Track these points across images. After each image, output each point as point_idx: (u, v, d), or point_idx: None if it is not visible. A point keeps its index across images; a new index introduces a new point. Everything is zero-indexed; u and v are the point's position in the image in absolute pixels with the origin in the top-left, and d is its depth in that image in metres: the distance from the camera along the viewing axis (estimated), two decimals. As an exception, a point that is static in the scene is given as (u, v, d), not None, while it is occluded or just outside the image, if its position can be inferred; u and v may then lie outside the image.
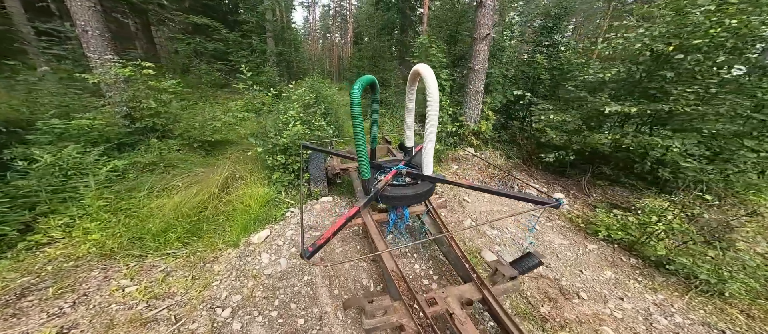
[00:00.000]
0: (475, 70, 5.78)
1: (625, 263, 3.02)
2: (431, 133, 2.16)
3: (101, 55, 4.29)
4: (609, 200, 4.07)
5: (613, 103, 3.73)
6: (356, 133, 1.83)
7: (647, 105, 3.55)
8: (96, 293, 2.13)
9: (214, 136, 5.24)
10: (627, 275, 2.87)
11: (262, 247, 3.09)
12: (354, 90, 1.76)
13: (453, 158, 5.62)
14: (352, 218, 1.95)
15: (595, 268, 2.97)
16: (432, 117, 2.08)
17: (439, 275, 2.82)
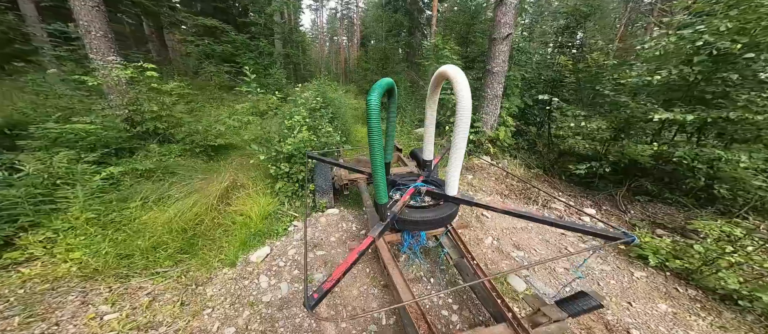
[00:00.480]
0: (493, 72, 5.41)
1: (682, 295, 2.58)
2: (460, 148, 1.82)
3: (104, 56, 4.13)
4: (651, 219, 3.61)
5: (662, 110, 3.29)
6: (373, 150, 1.49)
7: (707, 113, 3.09)
8: (69, 322, 1.86)
9: (217, 140, 5.02)
10: (686, 310, 2.43)
11: (262, 267, 2.79)
12: (371, 96, 1.41)
13: (467, 167, 5.23)
14: (368, 249, 1.62)
15: (646, 300, 2.54)
16: (462, 128, 1.74)
17: (461, 305, 2.45)
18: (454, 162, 1.89)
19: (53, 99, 3.99)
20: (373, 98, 1.41)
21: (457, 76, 1.71)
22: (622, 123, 4.16)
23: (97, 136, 3.57)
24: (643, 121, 3.94)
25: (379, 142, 1.47)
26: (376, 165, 1.55)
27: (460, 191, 2.20)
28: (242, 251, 3.01)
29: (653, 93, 4.12)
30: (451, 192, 2.02)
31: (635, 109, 3.85)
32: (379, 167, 1.57)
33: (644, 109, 3.66)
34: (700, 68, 3.22)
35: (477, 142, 5.57)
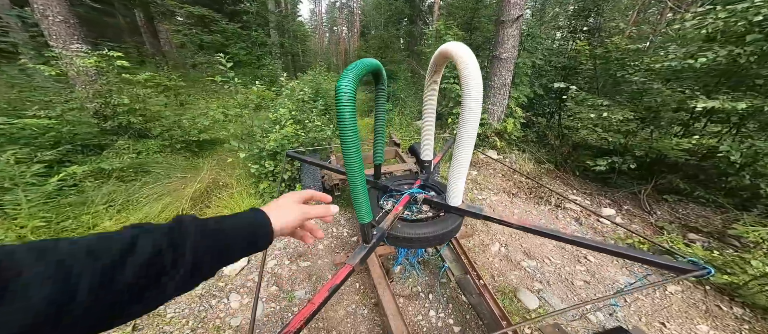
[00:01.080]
0: (501, 58, 4.91)
1: (726, 314, 2.17)
2: (466, 148, 1.40)
3: (65, 44, 3.73)
4: (682, 221, 3.17)
5: (705, 98, 2.81)
6: (348, 156, 1.04)
7: (764, 101, 2.60)
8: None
9: (202, 135, 4.65)
10: (732, 332, 2.03)
11: (236, 282, 2.44)
12: (342, 82, 0.95)
13: (472, 163, 4.80)
14: (343, 282, 1.23)
15: (683, 319, 2.14)
16: (469, 122, 1.32)
17: (463, 326, 2.08)
18: (458, 166, 1.47)
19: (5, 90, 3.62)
20: (344, 85, 0.92)
21: (463, 55, 1.28)
22: (652, 113, 3.66)
23: (58, 132, 3.22)
24: (677, 111, 3.44)
25: (355, 145, 1.03)
26: (353, 175, 1.12)
27: (466, 199, 1.80)
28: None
29: (689, 79, 3.61)
30: (454, 202, 1.61)
31: (669, 98, 3.35)
32: (358, 178, 1.12)
33: (681, 98, 3.16)
34: (753, 49, 2.71)
35: (483, 135, 5.12)
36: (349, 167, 1.08)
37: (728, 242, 2.71)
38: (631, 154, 3.73)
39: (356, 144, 1.04)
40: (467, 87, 1.27)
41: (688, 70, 3.29)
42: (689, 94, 3.12)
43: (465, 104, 1.30)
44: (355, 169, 1.08)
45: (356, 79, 1.00)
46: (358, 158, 1.06)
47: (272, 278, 2.47)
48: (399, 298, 2.33)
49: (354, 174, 1.10)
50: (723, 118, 3.46)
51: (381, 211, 1.74)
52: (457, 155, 1.44)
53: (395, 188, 1.90)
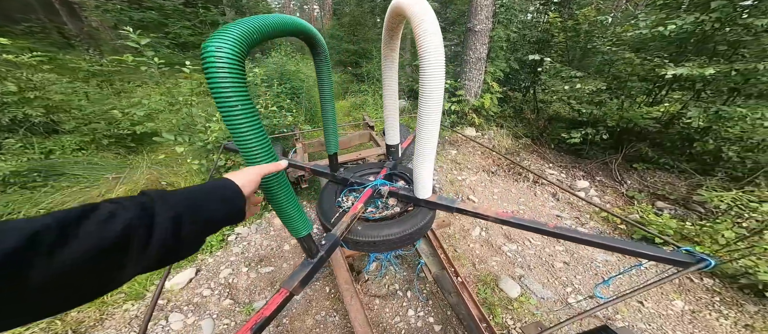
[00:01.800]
0: (475, 31, 4.60)
1: (698, 286, 2.20)
2: (430, 130, 1.12)
3: None
4: (650, 189, 3.22)
5: (672, 66, 2.74)
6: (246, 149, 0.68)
7: (730, 65, 2.56)
8: None
9: (138, 128, 3.95)
10: (705, 305, 2.05)
11: (180, 298, 2.06)
12: (212, 43, 0.57)
13: (451, 141, 4.60)
14: (277, 313, 0.92)
15: (659, 296, 2.13)
16: (431, 99, 1.03)
17: (444, 325, 1.91)
18: (422, 152, 1.19)
19: None
20: (216, 48, 0.57)
21: (418, 9, 0.95)
22: (621, 83, 3.62)
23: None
24: (644, 80, 3.41)
25: (256, 136, 0.68)
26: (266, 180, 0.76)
27: (445, 181, 1.53)
28: (158, 274, 2.25)
29: (657, 48, 3.58)
30: (422, 194, 1.34)
31: (638, 67, 3.28)
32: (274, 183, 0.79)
33: (650, 66, 3.09)
34: (718, 15, 2.64)
35: (460, 113, 4.90)
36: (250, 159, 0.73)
37: (693, 208, 2.77)
38: (603, 125, 3.71)
39: (257, 135, 0.68)
40: (425, 51, 0.95)
41: (657, 37, 3.23)
42: (658, 63, 3.07)
43: (424, 73, 0.98)
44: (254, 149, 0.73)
45: (240, 41, 0.61)
46: (266, 155, 0.72)
47: (226, 290, 2.12)
48: (375, 299, 2.11)
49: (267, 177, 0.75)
50: (687, 86, 3.50)
51: (339, 211, 1.43)
52: (420, 139, 1.15)
53: (357, 181, 1.59)
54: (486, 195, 3.30)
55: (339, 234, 1.15)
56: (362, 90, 7.50)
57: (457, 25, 7.45)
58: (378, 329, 1.91)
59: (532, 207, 3.10)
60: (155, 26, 6.98)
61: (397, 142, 1.77)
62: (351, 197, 1.58)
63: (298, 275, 0.98)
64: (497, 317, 1.93)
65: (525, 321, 1.86)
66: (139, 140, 4.07)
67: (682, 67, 2.77)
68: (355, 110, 6.59)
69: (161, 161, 3.70)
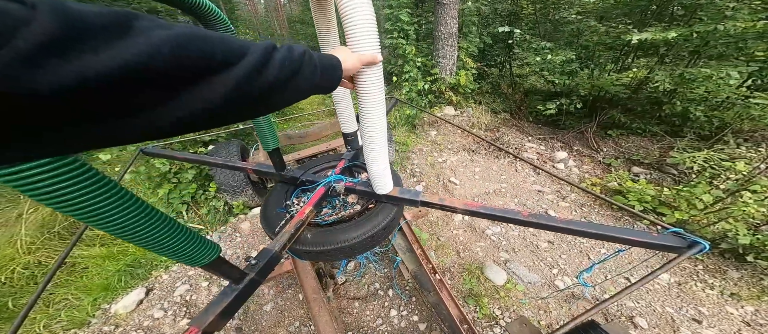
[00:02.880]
0: (444, 4, 4.32)
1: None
2: (376, 119, 0.90)
3: None
4: (625, 155, 3.22)
5: (637, 32, 2.65)
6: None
7: (690, 29, 2.48)
8: None
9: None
10: (690, 276, 2.05)
11: (130, 322, 1.80)
12: None
13: (430, 122, 4.41)
14: None
15: (644, 270, 2.11)
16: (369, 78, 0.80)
17: (429, 323, 1.79)
18: (371, 143, 0.96)
19: None
20: None
21: None
22: (590, 52, 3.54)
23: None
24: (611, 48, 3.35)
25: None
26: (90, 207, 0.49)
27: (425, 163, 1.33)
28: (104, 298, 1.96)
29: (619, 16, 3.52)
30: (382, 189, 1.13)
31: (605, 35, 3.20)
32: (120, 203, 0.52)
33: (615, 33, 3.01)
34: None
35: (437, 92, 4.68)
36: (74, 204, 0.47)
37: (667, 171, 2.79)
38: (576, 95, 3.65)
39: None
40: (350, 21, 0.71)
41: (620, 4, 3.15)
42: (622, 29, 3.00)
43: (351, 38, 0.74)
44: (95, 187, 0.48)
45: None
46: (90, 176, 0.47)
47: (182, 309, 1.87)
48: (354, 302, 1.94)
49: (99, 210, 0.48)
50: (651, 51, 3.48)
51: (286, 217, 1.20)
52: (365, 128, 0.92)
53: (308, 179, 1.35)
54: (467, 176, 3.18)
55: (278, 248, 0.93)
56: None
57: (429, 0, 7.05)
58: (359, 333, 1.76)
59: (513, 183, 3.01)
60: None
61: (354, 129, 1.52)
62: (303, 199, 1.35)
63: (214, 308, 0.76)
64: (484, 309, 1.83)
65: (513, 311, 1.77)
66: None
67: (646, 32, 2.68)
68: (329, 98, 6.21)
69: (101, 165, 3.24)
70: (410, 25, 4.72)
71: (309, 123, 4.71)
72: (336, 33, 1.14)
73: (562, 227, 0.96)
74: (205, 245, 0.67)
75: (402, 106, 4.34)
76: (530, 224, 0.99)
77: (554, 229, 0.97)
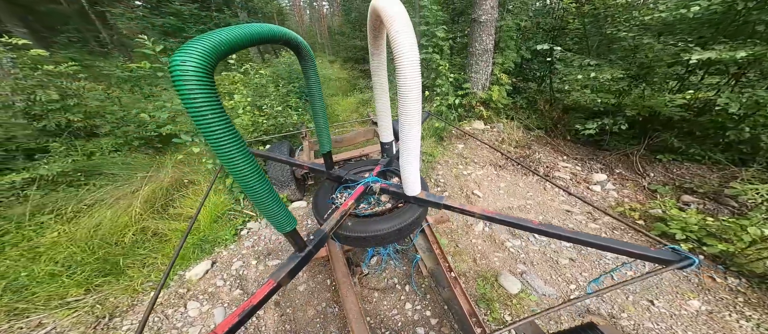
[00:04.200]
0: (480, 22, 4.45)
1: (720, 286, 2.04)
2: (412, 130, 1.15)
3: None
4: (677, 182, 2.98)
5: (699, 50, 2.51)
6: (224, 154, 0.74)
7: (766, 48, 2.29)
8: None
9: (163, 129, 4.27)
10: (725, 306, 1.90)
11: (198, 288, 2.26)
12: (178, 57, 0.64)
13: (458, 136, 4.52)
14: (264, 302, 1.00)
15: (673, 295, 2.01)
16: (410, 98, 1.06)
17: (440, 319, 1.94)
18: (407, 151, 1.21)
19: None
20: (182, 61, 0.62)
21: (387, 7, 0.98)
22: (644, 70, 3.35)
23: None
24: (671, 66, 3.14)
25: (231, 141, 0.75)
26: (245, 180, 0.81)
27: (450, 174, 1.54)
28: (182, 266, 2.47)
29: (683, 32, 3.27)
30: (411, 191, 1.37)
31: (662, 52, 3.03)
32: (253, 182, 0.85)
33: (675, 51, 2.84)
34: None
35: (467, 106, 4.79)
36: (235, 171, 0.80)
37: (725, 202, 2.54)
38: (622, 115, 3.47)
39: (232, 140, 0.75)
40: (398, 49, 0.97)
41: (680, 20, 2.96)
42: (683, 47, 2.82)
43: (400, 73, 1.01)
44: (244, 172, 0.80)
45: (208, 54, 0.67)
46: (243, 159, 0.79)
47: (236, 282, 2.29)
48: (374, 292, 2.17)
49: (247, 180, 0.81)
50: (721, 70, 3.17)
51: (332, 207, 1.50)
52: (403, 138, 1.18)
53: (350, 178, 1.65)
54: (492, 190, 3.24)
55: (328, 230, 1.21)
56: (370, 86, 7.53)
57: (465, 15, 7.19)
58: (375, 321, 1.98)
59: (540, 201, 3.00)
60: (175, 31, 7.44)
61: (390, 139, 1.80)
62: (345, 194, 1.64)
63: (285, 268, 1.06)
64: (495, 313, 1.92)
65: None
66: (165, 141, 4.41)
67: (709, 51, 2.51)
68: (362, 106, 6.65)
69: (182, 160, 3.99)
70: (445, 41, 4.92)
71: (344, 130, 5.14)
72: (385, 62, 1.44)
73: (569, 236, 1.09)
74: (289, 218, 0.98)
75: (432, 119, 4.53)
76: (539, 231, 1.14)
77: (562, 238, 1.10)
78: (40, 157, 3.15)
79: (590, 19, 4.63)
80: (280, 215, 0.95)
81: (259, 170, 0.82)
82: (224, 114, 0.73)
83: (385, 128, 1.72)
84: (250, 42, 0.85)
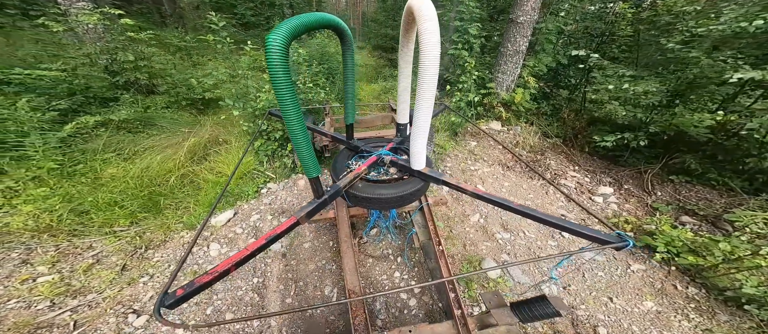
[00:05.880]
0: (517, 22, 4.41)
1: (679, 293, 2.13)
2: (424, 112, 1.36)
3: (72, 1, 3.83)
4: (680, 203, 2.96)
5: (747, 68, 2.45)
6: (285, 111, 1.06)
7: None
8: (1, 283, 1.85)
9: (207, 94, 4.78)
10: (675, 309, 2.02)
11: (220, 233, 2.67)
12: (272, 36, 0.93)
13: (472, 133, 4.62)
14: (285, 233, 1.30)
15: (632, 295, 2.14)
16: (427, 83, 1.27)
17: (423, 291, 2.19)
18: (417, 129, 1.44)
19: (30, 46, 3.86)
20: (273, 39, 0.91)
21: (421, 6, 1.19)
22: (684, 86, 3.23)
23: (71, 85, 3.45)
24: (715, 83, 3.00)
25: (290, 98, 1.05)
26: (294, 131, 1.14)
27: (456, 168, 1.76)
28: (208, 212, 2.90)
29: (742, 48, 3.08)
30: (416, 165, 1.60)
31: (707, 68, 2.91)
32: (299, 134, 1.16)
33: (720, 68, 2.74)
34: None
35: (487, 106, 4.84)
36: (289, 123, 1.10)
37: (721, 226, 2.53)
38: (644, 131, 3.40)
39: (293, 101, 1.04)
40: (423, 44, 1.19)
41: (739, 35, 2.78)
42: (731, 64, 2.69)
43: (422, 64, 1.22)
44: (294, 125, 1.10)
45: (289, 34, 0.97)
46: (296, 115, 1.08)
47: (252, 232, 2.67)
48: (369, 258, 2.46)
49: (294, 128, 1.12)
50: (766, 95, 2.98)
51: (347, 170, 1.77)
52: (416, 118, 1.40)
53: (366, 149, 1.91)
54: (495, 187, 3.38)
55: (343, 185, 1.49)
56: (394, 75, 7.67)
57: (505, 13, 7.00)
58: (366, 282, 2.27)
59: (538, 203, 3.11)
60: (227, 7, 7.98)
61: (405, 122, 2.03)
62: (360, 162, 1.91)
63: (305, 209, 1.35)
64: (471, 292, 2.14)
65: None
66: (207, 104, 4.93)
67: (757, 70, 2.41)
68: (385, 94, 6.84)
69: (220, 122, 4.46)
70: (477, 39, 4.92)
71: (363, 113, 5.39)
72: (412, 53, 1.65)
73: (541, 217, 1.27)
74: (316, 166, 1.25)
75: (449, 113, 4.64)
76: (517, 211, 1.32)
77: (535, 218, 1.28)
78: (112, 105, 3.73)
79: (647, 27, 4.36)
80: (310, 162, 1.23)
81: (304, 125, 1.11)
82: (291, 78, 1.01)
83: (403, 111, 1.94)
84: (312, 27, 1.14)
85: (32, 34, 4.27)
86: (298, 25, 1.00)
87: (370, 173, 1.83)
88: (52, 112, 3.06)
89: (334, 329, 1.90)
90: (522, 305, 1.39)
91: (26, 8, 4.39)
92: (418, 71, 1.28)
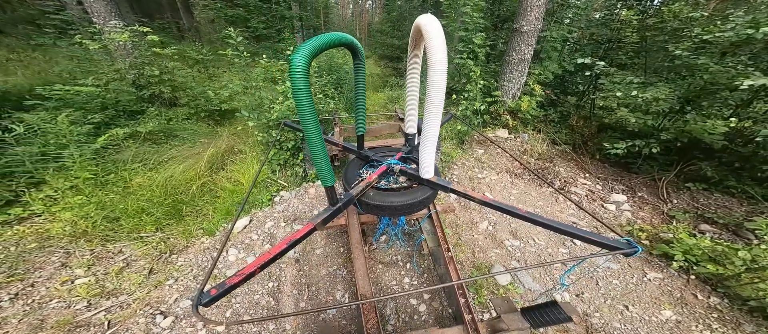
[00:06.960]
0: (522, 32, 4.49)
1: (700, 302, 2.08)
2: (433, 121, 1.45)
3: (105, 20, 4.17)
4: (699, 211, 2.90)
5: (759, 74, 2.44)
6: (306, 124, 1.16)
7: None
8: (43, 284, 2.02)
9: (223, 105, 5.04)
10: (696, 318, 1.97)
11: (237, 239, 2.80)
12: (296, 56, 1.04)
13: (479, 141, 4.67)
14: (303, 238, 1.40)
15: (650, 305, 2.10)
16: (435, 95, 1.36)
17: (432, 294, 2.23)
18: (426, 139, 1.52)
19: (66, 62, 4.21)
20: (297, 59, 1.03)
21: (428, 25, 1.29)
22: (694, 92, 3.21)
23: (104, 99, 3.73)
24: (726, 90, 2.98)
25: (311, 113, 1.16)
26: (312, 142, 1.25)
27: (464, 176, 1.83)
28: (225, 219, 3.04)
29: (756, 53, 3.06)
30: (425, 174, 1.69)
31: (717, 74, 2.90)
32: (317, 144, 1.26)
33: (731, 74, 2.73)
34: None
35: (494, 114, 4.89)
36: (309, 135, 1.21)
37: (743, 235, 2.46)
38: (656, 138, 3.37)
39: (312, 113, 1.16)
40: (431, 60, 1.29)
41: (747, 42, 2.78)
42: (741, 70, 2.69)
43: (430, 77, 1.32)
44: (313, 136, 1.21)
45: (310, 53, 1.09)
46: (314, 126, 1.19)
47: (266, 238, 2.79)
48: (379, 264, 2.53)
49: (313, 141, 1.23)
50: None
51: (359, 179, 1.87)
52: (425, 129, 1.48)
53: (376, 159, 2.01)
54: (502, 195, 3.40)
55: (355, 193, 1.59)
56: (400, 84, 7.82)
57: (509, 22, 7.09)
58: (376, 287, 2.33)
59: (548, 212, 3.11)
60: (241, 21, 8.42)
61: (413, 132, 2.12)
62: (370, 171, 2.00)
63: (321, 215, 1.44)
64: (481, 298, 2.17)
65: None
66: (223, 115, 5.18)
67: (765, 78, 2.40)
68: (391, 103, 6.97)
69: (236, 132, 4.69)
70: (481, 48, 5.02)
71: (371, 122, 5.52)
72: (420, 67, 1.75)
73: (548, 223, 1.33)
74: (331, 175, 1.34)
75: (455, 122, 4.71)
76: (524, 218, 1.38)
77: (542, 224, 1.33)
78: (139, 118, 4.00)
79: (654, 33, 4.36)
80: (326, 171, 1.33)
81: (321, 137, 1.21)
82: (310, 93, 1.12)
83: (411, 122, 2.03)
84: (331, 46, 1.26)
85: (68, 52, 4.66)
86: (319, 45, 1.11)
87: (380, 182, 1.92)
88: (88, 125, 3.31)
89: (346, 333, 1.96)
90: (533, 311, 1.41)
91: (65, 28, 4.79)
92: (427, 85, 1.37)
